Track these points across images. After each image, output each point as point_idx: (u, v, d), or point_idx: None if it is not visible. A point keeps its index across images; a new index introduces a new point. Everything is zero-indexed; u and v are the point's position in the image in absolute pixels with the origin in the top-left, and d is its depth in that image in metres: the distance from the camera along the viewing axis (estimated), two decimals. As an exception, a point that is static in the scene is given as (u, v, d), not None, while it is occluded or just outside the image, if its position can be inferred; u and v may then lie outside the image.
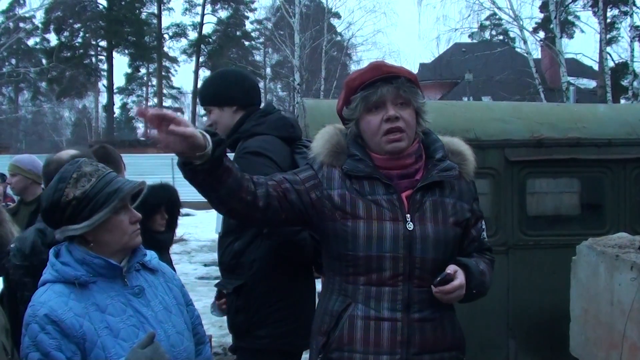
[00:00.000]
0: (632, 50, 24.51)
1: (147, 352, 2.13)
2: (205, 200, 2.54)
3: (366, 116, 2.61)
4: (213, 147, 2.32)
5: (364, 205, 2.57)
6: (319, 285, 3.58)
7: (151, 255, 2.56)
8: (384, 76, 2.58)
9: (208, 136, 2.32)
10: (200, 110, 49.46)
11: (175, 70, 56.90)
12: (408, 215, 2.56)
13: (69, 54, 49.05)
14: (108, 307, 2.29)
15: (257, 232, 3.29)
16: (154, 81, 55.61)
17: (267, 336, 3.32)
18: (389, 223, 2.54)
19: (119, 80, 56.13)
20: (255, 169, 3.09)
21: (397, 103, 2.58)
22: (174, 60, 55.20)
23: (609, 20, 31.09)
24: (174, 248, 14.95)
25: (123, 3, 50.27)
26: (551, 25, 22.64)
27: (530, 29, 26.41)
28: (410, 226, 2.54)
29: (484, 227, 2.79)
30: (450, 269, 2.51)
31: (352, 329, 2.56)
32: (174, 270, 3.76)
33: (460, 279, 2.50)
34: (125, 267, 2.41)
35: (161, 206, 4.22)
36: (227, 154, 2.49)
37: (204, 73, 52.88)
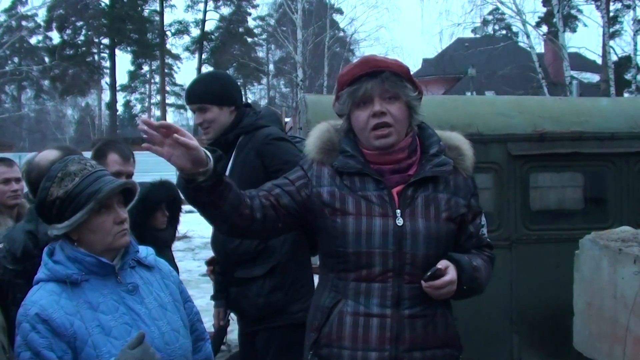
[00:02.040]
0: (635, 44, 24.40)
1: (137, 353, 2.12)
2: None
3: (355, 111, 2.61)
4: (214, 162, 2.34)
5: (354, 201, 2.56)
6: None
7: (147, 252, 2.55)
8: (369, 71, 2.57)
9: (208, 152, 2.34)
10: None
11: (178, 67, 57.08)
12: (398, 211, 2.54)
13: (71, 52, 49.17)
14: (100, 305, 2.29)
15: None
16: (157, 78, 55.65)
17: (300, 310, 3.40)
18: (378, 219, 2.53)
19: (121, 78, 56.50)
20: (286, 151, 3.49)
21: (385, 97, 2.57)
22: (176, 57, 55.28)
23: (612, 14, 30.99)
24: (178, 245, 14.97)
25: (125, 0, 50.36)
26: (554, 19, 22.59)
27: (533, 23, 26.39)
28: (400, 222, 2.52)
29: (483, 223, 2.75)
30: (441, 264, 2.48)
31: (341, 324, 2.56)
32: (176, 267, 3.75)
33: (451, 274, 2.48)
34: (119, 265, 2.40)
35: (162, 203, 4.21)
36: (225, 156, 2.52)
37: (207, 70, 52.95)
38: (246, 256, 3.53)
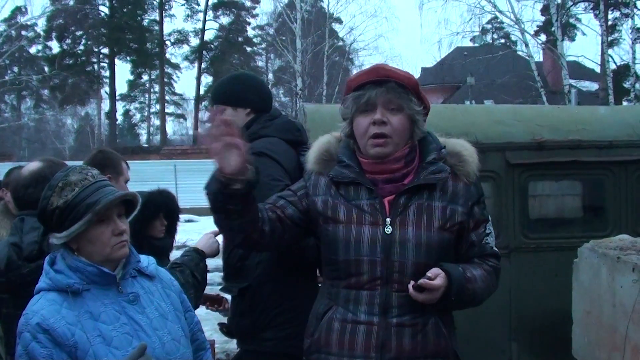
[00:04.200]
0: (634, 52, 24.46)
1: None
2: (212, 215, 2.62)
3: (358, 117, 2.63)
4: (253, 173, 2.41)
5: (346, 210, 2.60)
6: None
7: (148, 261, 2.55)
8: (375, 79, 2.59)
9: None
10: (203, 116, 49.43)
11: (178, 77, 57.01)
12: (388, 219, 2.55)
13: (71, 62, 49.13)
14: (101, 314, 2.29)
15: None
16: (157, 88, 55.65)
17: (272, 339, 3.31)
18: (367, 227, 2.55)
19: (121, 87, 56.42)
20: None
21: (389, 108, 2.58)
22: (176, 66, 55.22)
23: (610, 23, 31.05)
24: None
25: (125, 10, 50.42)
26: (552, 28, 22.67)
27: (532, 32, 26.50)
28: (388, 230, 2.54)
29: (488, 231, 2.73)
30: (432, 272, 2.47)
31: (329, 331, 2.59)
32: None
33: (436, 281, 2.46)
34: (120, 274, 2.40)
35: (160, 212, 4.20)
36: None
37: (206, 79, 53.01)
38: (231, 270, 3.48)
